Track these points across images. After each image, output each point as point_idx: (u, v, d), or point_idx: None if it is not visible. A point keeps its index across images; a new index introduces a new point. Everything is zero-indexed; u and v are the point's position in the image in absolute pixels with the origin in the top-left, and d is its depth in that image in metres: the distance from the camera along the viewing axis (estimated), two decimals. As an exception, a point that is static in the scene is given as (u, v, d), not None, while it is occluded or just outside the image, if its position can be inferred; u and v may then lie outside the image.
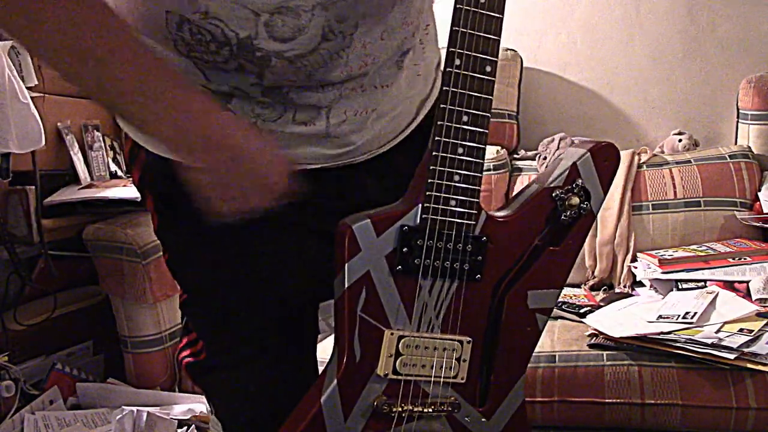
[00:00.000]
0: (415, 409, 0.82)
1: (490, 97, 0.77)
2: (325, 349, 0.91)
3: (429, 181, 0.77)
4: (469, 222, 0.79)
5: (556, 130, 2.24)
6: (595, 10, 2.34)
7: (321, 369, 0.87)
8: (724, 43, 2.28)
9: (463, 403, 0.85)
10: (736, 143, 2.19)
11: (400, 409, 0.82)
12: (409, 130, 0.92)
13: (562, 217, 0.83)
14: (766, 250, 1.83)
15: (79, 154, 1.93)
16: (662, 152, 2.19)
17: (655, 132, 2.34)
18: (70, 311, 1.90)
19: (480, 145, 0.77)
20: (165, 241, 0.93)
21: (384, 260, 0.78)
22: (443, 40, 0.87)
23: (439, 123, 0.76)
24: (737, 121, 2.19)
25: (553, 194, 0.83)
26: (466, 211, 0.78)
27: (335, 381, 0.79)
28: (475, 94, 0.76)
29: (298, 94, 0.80)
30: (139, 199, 1.78)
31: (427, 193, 0.77)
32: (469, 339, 0.83)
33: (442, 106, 0.75)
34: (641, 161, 2.09)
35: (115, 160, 2.06)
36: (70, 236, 1.84)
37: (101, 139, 2.01)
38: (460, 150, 0.77)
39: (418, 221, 0.78)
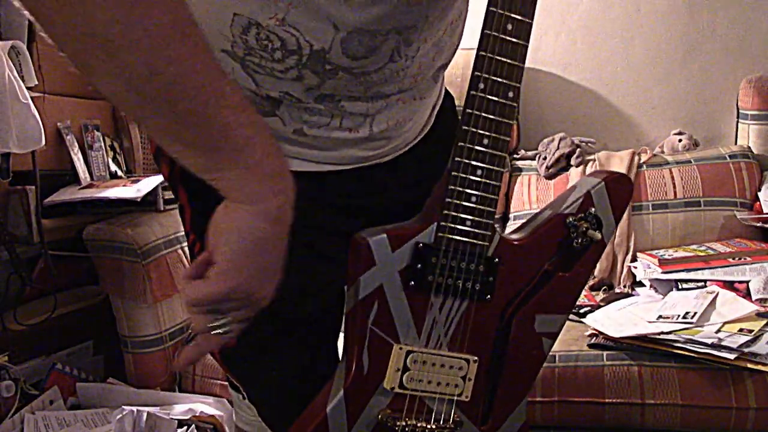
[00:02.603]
0: (419, 425, 0.83)
1: (510, 122, 0.78)
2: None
3: (446, 200, 0.78)
4: (483, 243, 0.80)
5: (556, 130, 2.24)
6: (595, 10, 2.34)
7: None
8: (724, 43, 2.28)
9: (466, 422, 0.86)
10: (736, 143, 2.19)
11: (403, 423, 0.82)
12: (423, 133, 0.96)
13: (574, 244, 0.84)
14: (766, 250, 1.83)
15: (79, 154, 1.93)
16: (662, 152, 2.19)
17: (655, 132, 2.34)
18: (70, 311, 1.90)
19: (498, 168, 0.78)
20: (199, 232, 0.94)
21: (397, 275, 0.79)
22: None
23: (460, 144, 0.77)
24: (737, 121, 2.19)
25: (567, 221, 0.84)
26: (481, 231, 0.79)
27: (342, 391, 0.80)
28: (497, 118, 0.77)
29: (350, 104, 0.82)
30: (139, 199, 1.80)
31: (444, 212, 0.78)
32: (475, 358, 0.83)
33: (464, 128, 0.77)
34: (641, 161, 2.09)
35: (115, 160, 2.06)
36: (70, 236, 1.84)
37: (101, 139, 2.01)
38: (479, 172, 0.78)
39: (433, 239, 0.79)
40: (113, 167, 2.04)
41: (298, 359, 0.94)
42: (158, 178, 1.88)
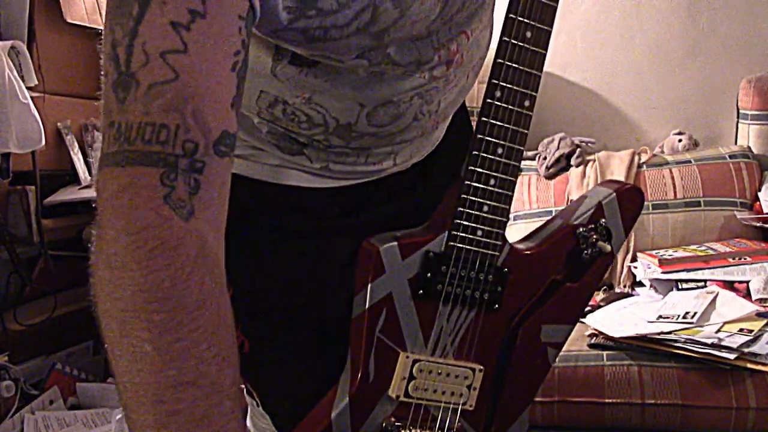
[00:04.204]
0: None
1: (525, 131, 0.77)
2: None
3: (458, 209, 0.77)
4: (493, 252, 0.79)
5: (556, 130, 2.24)
6: (595, 10, 2.34)
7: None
8: (724, 43, 2.28)
9: (469, 430, 0.85)
10: (736, 143, 2.19)
11: None
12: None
13: (583, 255, 0.84)
14: (766, 250, 1.83)
15: (79, 154, 1.93)
16: (662, 152, 2.19)
17: (655, 132, 2.34)
18: (70, 311, 1.90)
19: (511, 178, 0.78)
20: None
21: (406, 284, 0.78)
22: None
23: (474, 153, 0.76)
24: (737, 121, 2.19)
25: (577, 232, 0.84)
26: (491, 241, 0.79)
27: (347, 398, 0.80)
28: (512, 127, 0.76)
29: (376, 149, 0.83)
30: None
31: (455, 221, 0.77)
32: (481, 367, 0.83)
33: (479, 136, 0.76)
34: (641, 161, 2.09)
35: (115, 160, 2.06)
36: (70, 236, 1.84)
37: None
38: (492, 181, 0.77)
39: (444, 248, 0.78)
40: (113, 167, 2.03)
41: (312, 369, 0.93)
42: (158, 178, 1.87)
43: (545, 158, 2.15)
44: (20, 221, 1.72)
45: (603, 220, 0.84)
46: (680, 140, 2.20)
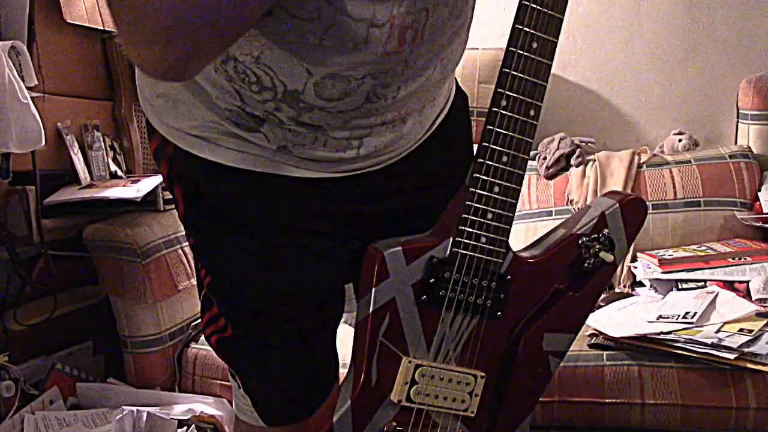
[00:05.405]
0: None
1: (530, 140, 0.78)
2: (344, 337, 0.93)
3: (463, 216, 0.78)
4: (497, 260, 0.80)
5: (556, 130, 2.24)
6: (595, 10, 2.34)
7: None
8: (724, 43, 2.28)
9: None
10: (736, 143, 2.19)
11: None
12: (422, 140, 0.95)
13: (585, 265, 0.85)
14: (766, 250, 1.83)
15: (79, 154, 1.93)
16: (662, 152, 2.19)
17: (655, 132, 2.34)
18: (70, 311, 1.90)
19: (516, 186, 0.79)
20: (191, 227, 0.95)
21: (410, 289, 0.79)
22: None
23: (479, 161, 0.77)
24: (737, 121, 2.19)
25: (580, 241, 0.84)
26: (495, 249, 0.80)
27: (349, 402, 0.80)
28: (517, 135, 0.77)
29: (332, 130, 0.82)
30: (139, 199, 1.80)
31: (460, 227, 0.78)
32: (483, 374, 0.84)
33: (484, 144, 0.77)
34: (641, 161, 2.09)
35: (115, 160, 2.06)
36: (70, 236, 1.84)
37: (101, 139, 2.01)
38: (497, 189, 0.78)
39: (448, 254, 0.79)
40: (113, 167, 2.04)
41: (292, 356, 0.94)
42: (158, 179, 1.88)
43: (545, 158, 2.15)
44: (20, 221, 1.72)
45: (606, 230, 0.85)
46: (680, 140, 2.20)
